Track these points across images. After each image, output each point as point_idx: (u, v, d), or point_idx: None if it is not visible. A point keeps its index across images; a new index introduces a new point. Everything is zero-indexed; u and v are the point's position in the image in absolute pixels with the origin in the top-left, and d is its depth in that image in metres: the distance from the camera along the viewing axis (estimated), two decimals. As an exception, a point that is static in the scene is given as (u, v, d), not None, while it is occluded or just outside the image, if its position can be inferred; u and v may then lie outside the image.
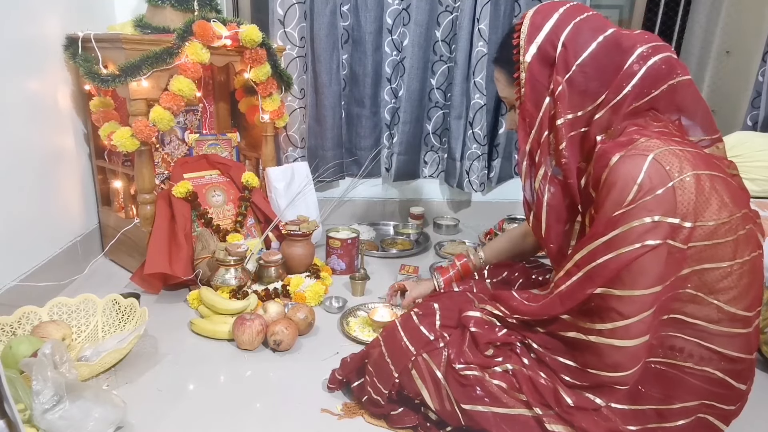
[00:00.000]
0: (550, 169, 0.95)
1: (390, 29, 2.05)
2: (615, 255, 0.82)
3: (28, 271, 1.41)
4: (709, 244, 0.83)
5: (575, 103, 0.90)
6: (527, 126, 0.96)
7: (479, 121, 2.08)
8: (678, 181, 0.80)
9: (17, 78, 1.39)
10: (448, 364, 0.98)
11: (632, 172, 0.81)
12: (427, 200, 2.36)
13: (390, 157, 2.20)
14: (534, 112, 0.94)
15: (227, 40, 1.60)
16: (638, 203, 0.80)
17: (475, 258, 1.37)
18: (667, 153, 0.81)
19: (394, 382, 1.02)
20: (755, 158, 1.72)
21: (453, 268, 1.38)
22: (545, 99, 0.92)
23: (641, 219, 0.80)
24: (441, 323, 1.05)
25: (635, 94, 0.87)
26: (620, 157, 0.82)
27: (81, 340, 1.31)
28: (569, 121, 0.90)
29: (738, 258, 0.84)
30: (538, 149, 0.95)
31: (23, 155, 1.42)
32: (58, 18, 1.57)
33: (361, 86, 2.10)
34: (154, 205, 1.64)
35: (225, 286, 1.51)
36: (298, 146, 2.15)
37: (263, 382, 1.20)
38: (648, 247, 0.80)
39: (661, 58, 0.86)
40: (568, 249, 0.97)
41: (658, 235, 0.80)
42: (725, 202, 0.82)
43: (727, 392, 0.90)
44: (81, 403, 0.98)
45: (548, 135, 0.93)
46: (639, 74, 0.86)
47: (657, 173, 0.80)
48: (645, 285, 0.82)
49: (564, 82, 0.89)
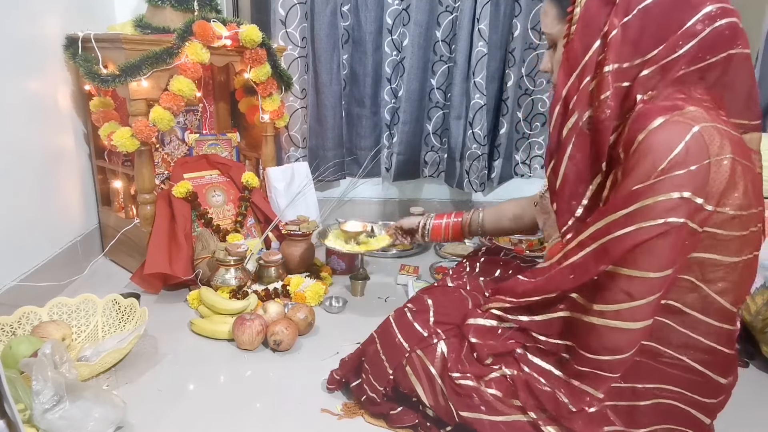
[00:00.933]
0: (582, 120, 0.87)
1: (390, 29, 2.05)
2: (634, 229, 0.77)
3: (28, 271, 1.41)
4: (719, 234, 0.80)
5: (624, 53, 0.82)
6: (570, 67, 0.87)
7: (479, 121, 2.08)
8: (715, 159, 0.75)
9: (17, 78, 1.39)
10: (445, 370, 0.97)
11: (672, 140, 0.75)
12: (427, 200, 2.36)
13: (390, 157, 2.20)
14: (581, 53, 0.85)
15: (227, 40, 1.61)
16: (668, 175, 0.75)
17: (474, 220, 1.37)
18: (713, 129, 0.76)
19: (389, 379, 1.03)
20: (755, 158, 1.72)
21: (449, 218, 1.40)
22: (596, 41, 0.84)
23: (668, 194, 0.75)
24: (435, 319, 1.04)
25: (691, 56, 0.80)
26: (663, 122, 0.76)
27: (81, 340, 1.31)
28: (616, 70, 0.82)
29: (741, 255, 0.82)
30: (575, 95, 0.86)
31: (23, 155, 1.42)
32: (58, 18, 1.57)
33: (361, 86, 2.10)
34: (154, 205, 1.64)
35: (225, 286, 1.51)
36: (299, 146, 2.15)
37: (263, 382, 1.20)
38: (670, 225, 0.76)
39: (728, 22, 0.79)
40: (578, 209, 0.89)
41: (683, 213, 0.75)
42: (748, 195, 0.79)
43: (705, 383, 0.89)
44: (81, 403, 0.98)
45: (590, 81, 0.85)
46: (700, 36, 0.79)
47: (697, 147, 0.75)
48: (659, 267, 0.78)
49: (620, 25, 0.81)
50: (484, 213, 1.39)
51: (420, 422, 1.04)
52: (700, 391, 0.90)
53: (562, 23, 0.93)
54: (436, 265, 1.83)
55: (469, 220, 1.39)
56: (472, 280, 1.21)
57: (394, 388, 1.04)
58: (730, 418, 1.13)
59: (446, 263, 1.86)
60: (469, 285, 1.19)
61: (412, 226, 1.45)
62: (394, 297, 1.63)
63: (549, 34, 0.99)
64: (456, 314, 1.05)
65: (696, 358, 0.88)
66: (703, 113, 0.78)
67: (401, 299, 1.58)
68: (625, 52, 0.82)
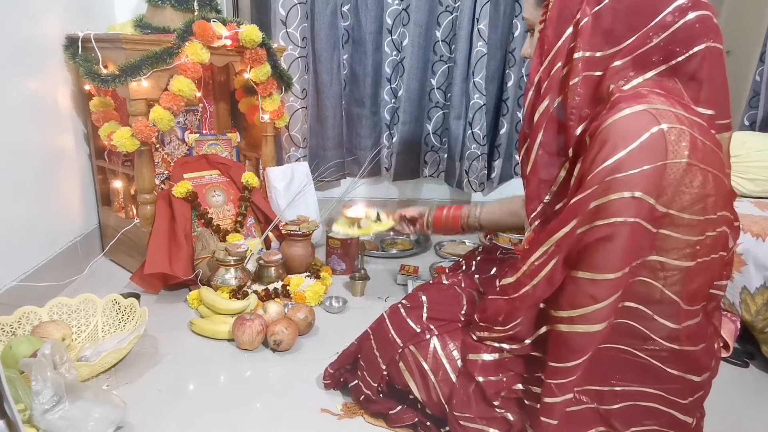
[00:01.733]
0: (553, 106, 0.87)
1: (390, 29, 2.05)
2: (588, 228, 0.78)
3: (28, 271, 1.41)
4: (673, 236, 0.79)
5: (595, 43, 0.82)
6: (542, 53, 0.88)
7: (479, 121, 2.08)
8: (672, 162, 0.75)
9: (17, 78, 1.39)
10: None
11: (631, 135, 0.75)
12: (427, 200, 2.37)
13: (390, 157, 2.20)
14: (554, 39, 0.86)
15: (227, 40, 1.60)
16: (622, 174, 0.75)
17: (473, 214, 1.38)
18: (678, 130, 0.75)
19: (383, 375, 1.03)
20: (755, 158, 1.72)
21: (449, 210, 1.41)
22: (568, 28, 0.84)
23: (620, 192, 0.75)
24: (428, 315, 1.04)
25: (661, 49, 0.80)
26: (628, 114, 0.76)
27: (81, 340, 1.31)
28: (587, 58, 0.83)
29: (696, 258, 0.82)
30: (547, 81, 0.87)
31: (23, 155, 1.42)
32: (58, 18, 1.57)
33: (361, 86, 2.10)
34: (154, 205, 1.64)
35: (225, 286, 1.51)
36: (299, 146, 2.15)
37: (263, 382, 1.20)
38: (620, 223, 0.76)
39: (698, 15, 0.79)
40: (546, 195, 0.90)
41: (632, 212, 0.76)
42: (706, 200, 0.78)
43: (680, 384, 0.89)
44: (81, 403, 0.98)
45: (561, 67, 0.85)
46: (671, 29, 0.79)
47: (656, 146, 0.74)
48: (616, 266, 0.79)
49: (591, 14, 0.81)
50: (483, 206, 1.40)
51: (420, 421, 1.04)
52: (676, 392, 0.90)
53: (540, 8, 0.93)
54: (436, 265, 1.83)
55: (468, 211, 1.40)
56: (467, 278, 1.21)
57: (391, 386, 1.05)
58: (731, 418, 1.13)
59: (446, 263, 1.86)
60: (464, 282, 1.19)
61: (415, 215, 1.47)
62: (394, 297, 1.63)
63: (528, 19, 0.99)
64: (449, 311, 1.06)
65: (662, 357, 0.88)
66: (671, 109, 0.77)
67: (401, 299, 1.58)
68: (596, 41, 0.82)
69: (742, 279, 1.35)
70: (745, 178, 1.72)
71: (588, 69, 0.83)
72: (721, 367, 1.29)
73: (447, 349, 0.99)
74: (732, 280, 1.37)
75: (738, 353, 1.36)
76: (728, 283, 1.37)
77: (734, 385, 1.25)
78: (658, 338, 0.86)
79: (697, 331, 0.88)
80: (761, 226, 1.37)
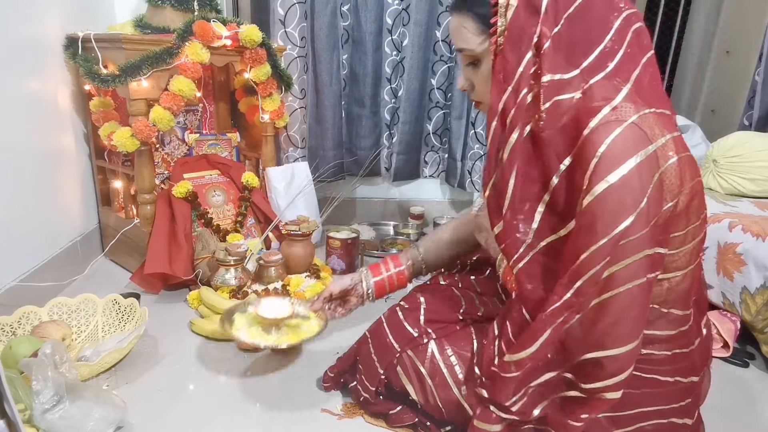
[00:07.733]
0: (524, 134, 0.82)
1: (390, 29, 2.05)
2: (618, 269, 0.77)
3: (28, 271, 1.41)
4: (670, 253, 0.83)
5: (558, 65, 0.80)
6: (503, 80, 0.82)
7: (481, 120, 2.08)
8: (671, 199, 0.79)
9: (17, 78, 1.39)
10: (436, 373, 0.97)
11: (623, 153, 0.74)
12: (427, 200, 2.36)
13: (390, 157, 2.21)
14: (515, 64, 0.81)
15: (227, 40, 1.60)
16: (634, 238, 0.75)
17: (416, 260, 1.20)
18: (675, 163, 0.78)
19: (381, 379, 1.03)
20: (755, 158, 1.72)
21: (387, 269, 1.20)
22: (528, 52, 0.80)
23: (634, 256, 0.76)
24: (425, 318, 1.04)
25: (617, 53, 0.80)
26: (618, 135, 0.75)
27: (81, 340, 1.31)
28: (553, 81, 0.80)
29: (688, 266, 0.86)
30: (513, 109, 0.81)
31: (23, 155, 1.42)
32: (58, 18, 1.57)
33: (361, 86, 2.10)
34: (154, 205, 1.64)
35: (225, 286, 1.51)
36: (298, 146, 2.15)
37: (263, 382, 1.20)
38: (639, 286, 0.78)
39: (640, 26, 0.82)
40: (527, 236, 0.84)
41: (647, 270, 0.78)
42: (690, 210, 0.82)
43: (677, 389, 0.90)
44: (81, 403, 0.98)
45: (526, 93, 0.81)
46: (627, 39, 0.80)
47: (647, 168, 0.75)
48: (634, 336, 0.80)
49: (551, 36, 0.79)
50: (423, 251, 1.22)
51: (419, 421, 1.04)
52: (674, 397, 0.90)
53: (485, 36, 0.87)
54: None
55: (412, 266, 1.20)
56: (464, 278, 1.21)
57: (390, 387, 1.05)
58: (731, 418, 1.13)
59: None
60: (461, 283, 1.19)
61: (345, 288, 1.18)
62: (394, 297, 1.63)
63: (468, 49, 0.90)
64: (447, 312, 1.06)
65: (659, 369, 0.89)
66: (658, 129, 0.78)
67: (401, 299, 1.58)
68: (559, 63, 0.80)
69: (742, 279, 1.35)
70: (745, 178, 1.72)
71: (555, 92, 0.80)
72: (721, 367, 1.31)
73: (444, 354, 0.99)
74: (732, 280, 1.38)
75: (738, 353, 1.36)
76: (728, 283, 1.39)
77: (734, 385, 1.25)
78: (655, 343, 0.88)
79: (688, 333, 0.90)
80: (761, 226, 1.37)
